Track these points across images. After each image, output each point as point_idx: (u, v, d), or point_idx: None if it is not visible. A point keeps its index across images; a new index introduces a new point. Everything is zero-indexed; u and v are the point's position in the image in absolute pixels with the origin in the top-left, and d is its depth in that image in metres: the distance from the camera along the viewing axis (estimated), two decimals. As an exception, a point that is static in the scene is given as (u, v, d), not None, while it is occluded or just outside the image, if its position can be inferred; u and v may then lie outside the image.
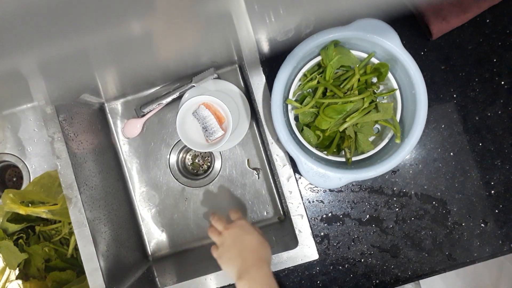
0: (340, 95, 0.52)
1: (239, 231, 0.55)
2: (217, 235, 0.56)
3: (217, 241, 0.56)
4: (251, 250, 0.53)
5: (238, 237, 0.54)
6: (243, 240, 0.54)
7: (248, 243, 0.54)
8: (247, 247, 0.53)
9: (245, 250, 0.53)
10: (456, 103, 0.61)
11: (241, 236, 0.54)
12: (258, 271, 0.50)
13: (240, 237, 0.54)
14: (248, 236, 0.54)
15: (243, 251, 0.53)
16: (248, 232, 0.55)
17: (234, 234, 0.55)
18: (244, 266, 0.51)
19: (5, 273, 0.65)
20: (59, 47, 0.36)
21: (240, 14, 0.56)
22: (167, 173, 0.75)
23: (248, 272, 0.50)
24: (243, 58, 0.58)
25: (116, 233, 0.65)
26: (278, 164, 0.58)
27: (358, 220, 0.62)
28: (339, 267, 0.62)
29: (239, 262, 0.52)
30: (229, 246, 0.54)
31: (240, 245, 0.53)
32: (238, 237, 0.54)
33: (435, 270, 0.61)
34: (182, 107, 0.63)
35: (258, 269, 0.50)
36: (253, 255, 0.52)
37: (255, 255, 0.53)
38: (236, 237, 0.54)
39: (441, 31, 0.58)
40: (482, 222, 0.61)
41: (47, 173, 0.69)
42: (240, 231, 0.55)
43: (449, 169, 0.61)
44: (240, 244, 0.54)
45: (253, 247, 0.53)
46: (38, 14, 0.29)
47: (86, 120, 0.67)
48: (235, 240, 0.54)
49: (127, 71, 0.61)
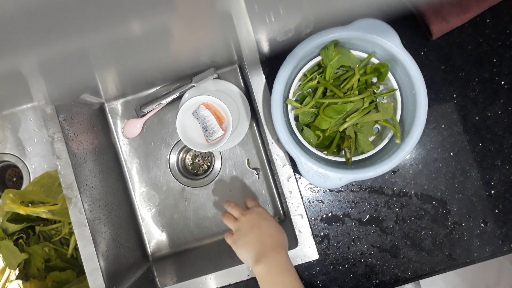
0: (340, 95, 0.52)
1: (257, 217, 0.55)
2: (232, 221, 0.56)
3: (233, 227, 0.55)
4: (269, 235, 0.53)
5: (256, 222, 0.54)
6: (261, 225, 0.54)
7: (266, 228, 0.53)
8: (265, 232, 0.53)
9: (263, 234, 0.52)
10: (456, 103, 0.61)
11: (259, 222, 0.54)
12: (277, 255, 0.50)
13: (258, 222, 0.54)
14: (266, 221, 0.54)
15: (261, 235, 0.52)
16: (266, 218, 0.55)
17: (251, 219, 0.54)
18: (262, 250, 0.51)
19: (5, 273, 0.65)
20: (59, 47, 0.36)
21: (240, 14, 0.56)
22: (167, 173, 0.75)
23: (267, 256, 0.50)
24: (243, 58, 0.58)
25: (116, 233, 0.65)
26: (278, 164, 0.58)
27: (358, 220, 0.62)
28: (339, 267, 0.62)
29: (257, 246, 0.51)
30: (246, 231, 0.53)
31: (258, 230, 0.53)
32: (256, 222, 0.54)
33: (435, 270, 0.61)
34: (182, 107, 0.63)
35: (276, 253, 0.50)
36: (271, 239, 0.52)
37: (273, 239, 0.52)
38: (254, 222, 0.54)
39: (441, 31, 0.58)
40: (482, 222, 0.61)
41: (47, 173, 0.69)
42: (258, 216, 0.55)
43: (449, 169, 0.61)
44: (258, 229, 0.53)
45: (271, 232, 0.53)
46: (38, 14, 0.29)
47: (86, 120, 0.67)
48: (253, 225, 0.54)
49: (127, 71, 0.61)
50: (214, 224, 0.74)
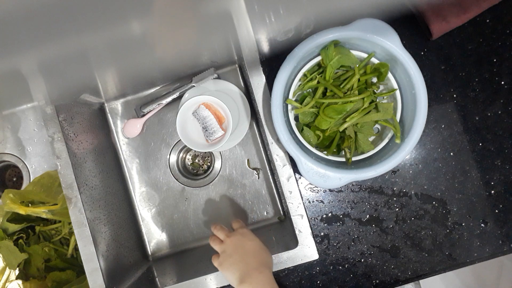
0: (340, 95, 0.52)
1: (241, 238, 0.56)
2: (218, 243, 0.57)
3: (218, 249, 0.56)
4: (253, 255, 0.53)
5: (240, 243, 0.55)
6: (245, 245, 0.54)
7: (250, 249, 0.54)
8: (249, 252, 0.54)
9: (247, 255, 0.53)
10: (456, 103, 0.61)
11: (243, 242, 0.55)
12: (260, 275, 0.51)
13: (242, 243, 0.55)
14: (249, 242, 0.55)
15: (245, 256, 0.53)
16: (250, 239, 0.56)
17: (236, 240, 0.55)
18: (246, 270, 0.51)
19: (5, 273, 0.65)
20: (59, 47, 0.36)
21: (240, 14, 0.56)
22: (167, 173, 0.75)
23: (250, 276, 0.51)
24: (243, 58, 0.58)
25: (116, 233, 0.65)
26: (278, 164, 0.58)
27: (358, 220, 0.62)
28: (339, 267, 0.62)
29: (241, 266, 0.52)
30: (231, 253, 0.54)
31: (242, 250, 0.54)
32: (240, 243, 0.55)
33: (435, 270, 0.61)
34: (182, 107, 0.63)
35: (260, 273, 0.51)
36: (255, 259, 0.53)
37: (257, 259, 0.53)
38: (238, 243, 0.55)
39: (441, 31, 0.58)
40: (482, 222, 0.61)
41: (47, 173, 0.69)
42: (242, 237, 0.56)
43: (449, 169, 0.61)
44: (242, 250, 0.54)
45: (255, 252, 0.54)
46: (38, 14, 0.29)
47: (86, 120, 0.67)
48: (237, 246, 0.55)
49: (127, 71, 0.61)
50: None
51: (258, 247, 0.55)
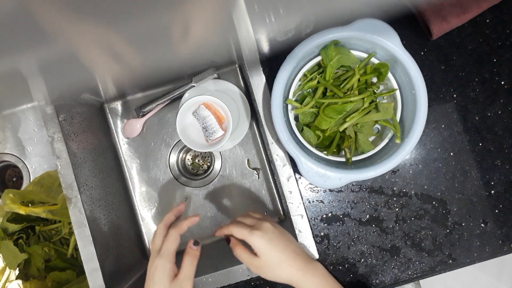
0: (340, 95, 0.52)
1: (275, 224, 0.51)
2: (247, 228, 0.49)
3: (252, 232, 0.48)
4: (296, 243, 0.52)
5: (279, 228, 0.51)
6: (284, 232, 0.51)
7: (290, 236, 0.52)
8: (292, 240, 0.51)
9: (293, 242, 0.51)
10: (456, 103, 0.61)
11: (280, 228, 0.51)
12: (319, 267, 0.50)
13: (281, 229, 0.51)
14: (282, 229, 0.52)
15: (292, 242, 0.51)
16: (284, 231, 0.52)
17: (274, 224, 0.51)
18: (305, 257, 0.50)
19: (5, 273, 0.65)
20: (60, 47, 0.36)
21: (240, 14, 0.56)
22: (167, 173, 0.75)
23: (314, 265, 0.49)
24: (243, 58, 0.58)
25: (116, 233, 0.65)
26: (278, 164, 0.58)
27: (358, 220, 0.62)
28: (339, 267, 0.62)
29: (298, 252, 0.50)
30: (278, 235, 0.49)
31: (286, 235, 0.51)
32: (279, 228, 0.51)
33: (435, 270, 0.61)
34: (182, 107, 0.63)
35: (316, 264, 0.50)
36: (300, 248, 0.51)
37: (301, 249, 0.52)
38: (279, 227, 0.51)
39: (441, 31, 0.58)
40: (482, 222, 0.61)
41: (47, 173, 0.69)
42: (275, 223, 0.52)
43: (449, 169, 0.61)
44: (287, 235, 0.51)
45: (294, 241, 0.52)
46: (38, 14, 0.29)
47: (86, 120, 0.67)
48: (280, 231, 0.50)
49: (126, 71, 0.61)
50: (214, 224, 0.74)
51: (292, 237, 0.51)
